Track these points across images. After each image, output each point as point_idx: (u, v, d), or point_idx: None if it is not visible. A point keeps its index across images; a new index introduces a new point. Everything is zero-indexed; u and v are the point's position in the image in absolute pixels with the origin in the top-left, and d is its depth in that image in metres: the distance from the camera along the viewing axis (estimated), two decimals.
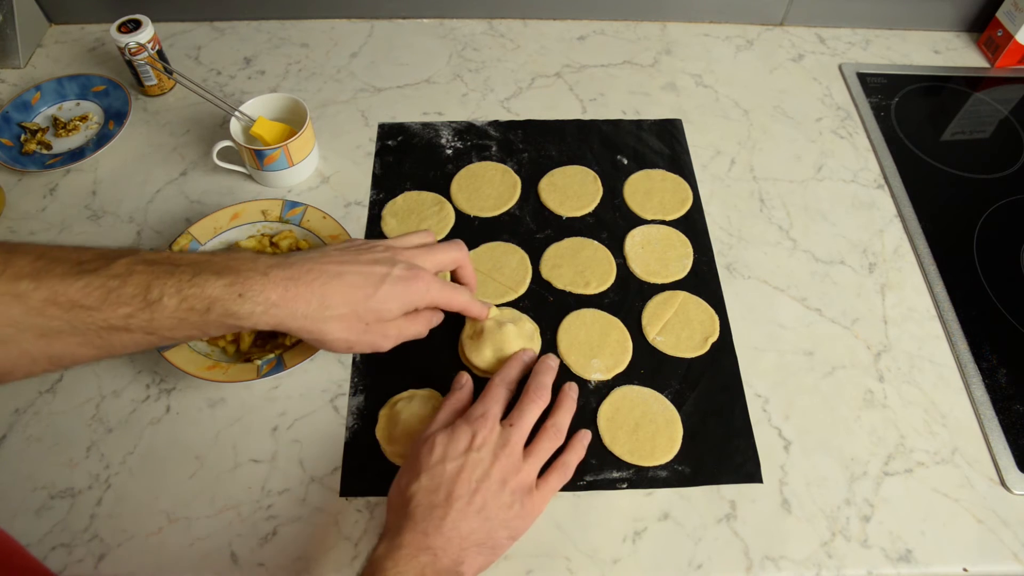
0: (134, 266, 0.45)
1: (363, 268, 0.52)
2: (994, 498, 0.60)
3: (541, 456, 0.54)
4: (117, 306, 0.44)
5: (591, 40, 0.96)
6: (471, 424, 0.52)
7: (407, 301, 0.54)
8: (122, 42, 0.80)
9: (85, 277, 0.44)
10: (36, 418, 0.62)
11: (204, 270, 0.47)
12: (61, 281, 0.43)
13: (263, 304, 0.48)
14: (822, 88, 0.92)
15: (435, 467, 0.49)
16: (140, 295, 0.45)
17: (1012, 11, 0.92)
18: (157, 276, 0.45)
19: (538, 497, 0.53)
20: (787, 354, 0.68)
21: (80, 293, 0.43)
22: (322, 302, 0.50)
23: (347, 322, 0.51)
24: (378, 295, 0.52)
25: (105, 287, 0.44)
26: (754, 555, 0.57)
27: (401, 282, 0.53)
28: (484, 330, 0.64)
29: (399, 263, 0.54)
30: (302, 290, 0.49)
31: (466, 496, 0.48)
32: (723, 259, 0.74)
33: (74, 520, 0.57)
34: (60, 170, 0.79)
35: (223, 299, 0.46)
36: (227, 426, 0.62)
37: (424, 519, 0.47)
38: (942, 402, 0.65)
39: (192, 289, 0.46)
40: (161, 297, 0.45)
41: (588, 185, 0.79)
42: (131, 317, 0.45)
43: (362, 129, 0.84)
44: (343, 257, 0.53)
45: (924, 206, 0.79)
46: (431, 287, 0.55)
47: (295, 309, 0.49)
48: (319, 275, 0.50)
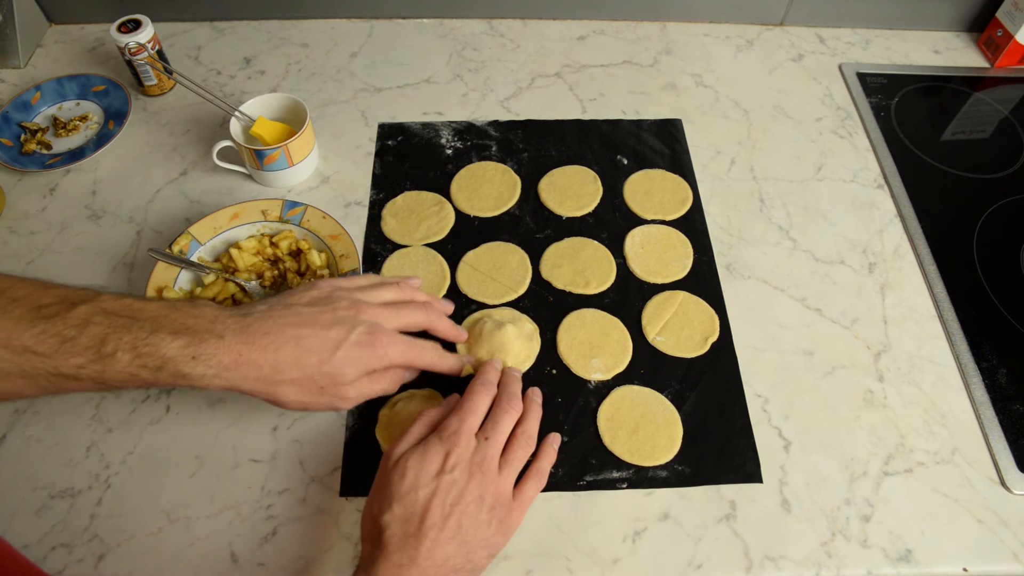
0: (93, 316, 0.45)
1: (320, 332, 0.51)
2: (994, 498, 0.60)
3: (516, 466, 0.53)
4: (70, 356, 0.44)
5: (591, 40, 0.96)
6: (444, 443, 0.50)
7: (364, 366, 0.52)
8: (122, 42, 0.80)
9: (41, 324, 0.44)
10: (36, 418, 0.62)
11: (162, 327, 0.47)
12: (16, 325, 0.43)
13: (215, 367, 0.47)
14: (822, 88, 0.92)
15: (407, 495, 0.48)
16: (94, 347, 0.45)
17: (1012, 11, 0.92)
18: (114, 329, 0.45)
19: (515, 508, 0.52)
20: (787, 354, 0.68)
21: (34, 340, 0.43)
22: (275, 367, 0.49)
23: (301, 386, 0.51)
24: (333, 360, 0.50)
25: (60, 336, 0.44)
26: (754, 555, 0.57)
27: (358, 347, 0.51)
28: (483, 331, 0.64)
29: (360, 325, 0.52)
30: (255, 355, 0.48)
31: (439, 523, 0.47)
32: (723, 259, 0.74)
33: (74, 520, 0.57)
34: (60, 170, 0.79)
35: (176, 360, 0.46)
36: (227, 426, 0.62)
37: (398, 551, 0.46)
38: (942, 402, 0.65)
39: (147, 348, 0.46)
40: (115, 352, 0.45)
41: (588, 185, 0.79)
42: (82, 368, 0.45)
43: (362, 129, 0.84)
44: (302, 318, 0.51)
45: (924, 206, 0.79)
46: (391, 351, 0.53)
47: (247, 373, 0.49)
48: (275, 339, 0.49)
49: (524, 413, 0.56)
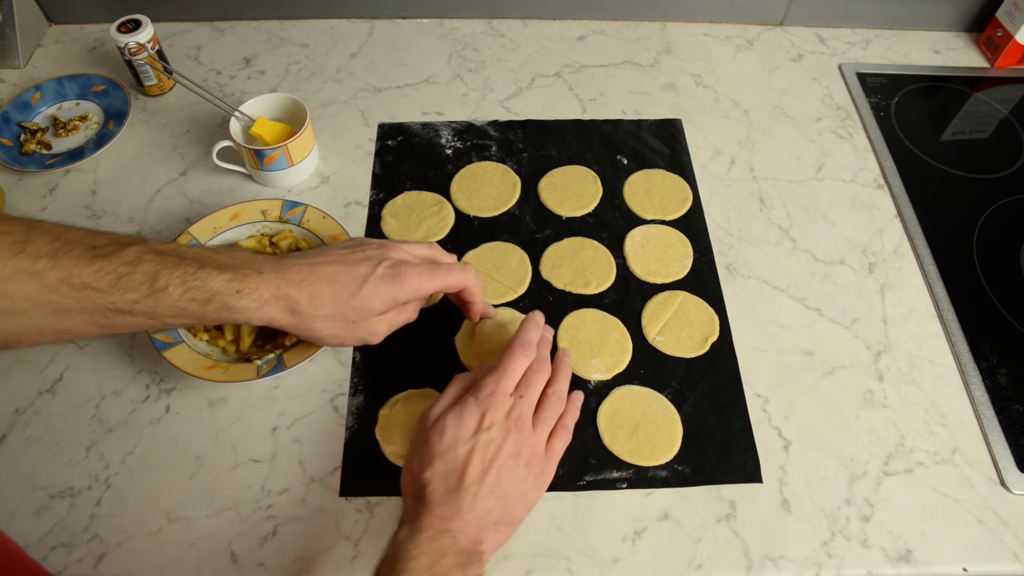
0: (144, 255, 0.48)
1: (349, 268, 0.54)
2: (994, 498, 0.60)
3: (548, 424, 0.54)
4: (125, 291, 0.47)
5: (591, 40, 0.96)
6: (480, 403, 0.51)
7: (390, 299, 0.55)
8: (122, 42, 0.80)
9: (98, 262, 0.47)
10: (36, 418, 0.62)
11: (207, 264, 0.50)
12: (76, 263, 0.46)
13: (257, 300, 0.51)
14: (822, 88, 0.92)
15: (447, 452, 0.49)
16: (147, 283, 0.48)
17: (1012, 11, 0.92)
18: (165, 266, 0.49)
19: (548, 463, 0.54)
20: (787, 354, 0.68)
21: (92, 276, 0.46)
22: (310, 302, 0.53)
23: (334, 321, 0.54)
24: (361, 294, 0.54)
25: (116, 272, 0.47)
26: (754, 555, 0.57)
27: (384, 280, 0.54)
28: (482, 331, 0.64)
29: (385, 261, 0.55)
30: (292, 290, 0.52)
31: (479, 478, 0.49)
32: (723, 259, 0.74)
33: (74, 520, 0.57)
34: (60, 170, 0.79)
35: (223, 292, 0.50)
36: (227, 426, 0.62)
37: (441, 504, 0.48)
38: (942, 402, 0.65)
39: (196, 281, 0.49)
40: (167, 286, 0.48)
41: (588, 185, 0.79)
42: (136, 302, 0.48)
43: (362, 129, 0.84)
44: (334, 258, 0.55)
45: (924, 206, 0.79)
46: (415, 281, 0.55)
47: (285, 307, 0.52)
48: (308, 276, 0.53)
49: (555, 373, 0.57)
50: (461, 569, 0.46)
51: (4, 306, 0.45)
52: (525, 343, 0.55)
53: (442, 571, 0.45)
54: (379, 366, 0.65)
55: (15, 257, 0.45)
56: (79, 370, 0.65)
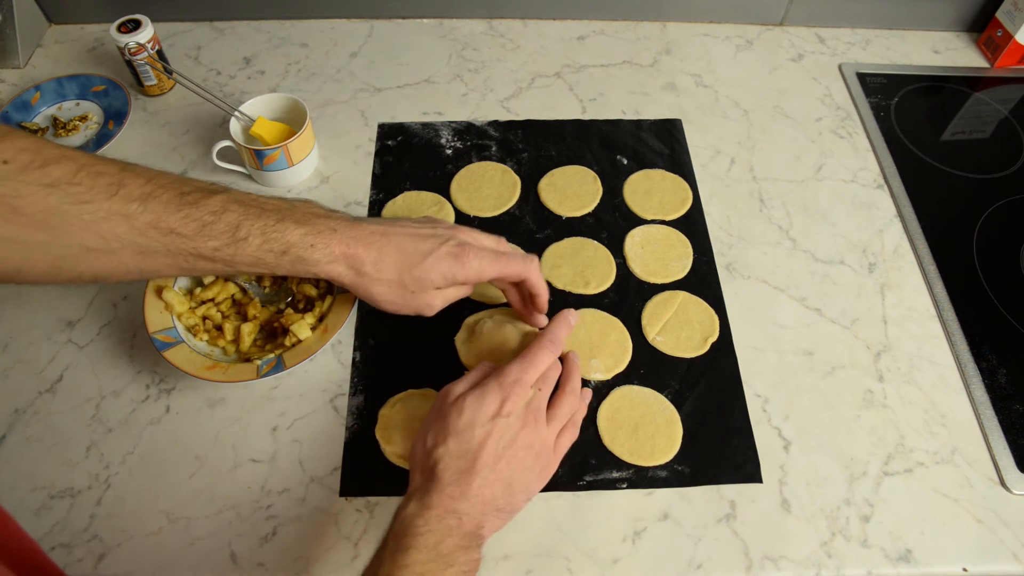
0: (228, 204, 0.51)
1: (417, 241, 0.56)
2: (994, 498, 0.60)
3: (562, 420, 0.55)
4: (208, 239, 0.50)
5: (591, 40, 0.96)
6: (503, 389, 0.51)
7: (450, 276, 0.56)
8: (122, 42, 0.80)
9: (185, 208, 0.49)
10: (36, 418, 0.62)
11: (286, 217, 0.53)
12: (165, 208, 0.49)
13: (328, 256, 0.54)
14: (822, 88, 0.92)
15: (463, 432, 0.49)
16: (230, 232, 0.51)
17: (1012, 11, 0.92)
18: (247, 217, 0.51)
19: (554, 458, 0.54)
20: (787, 354, 0.68)
21: (180, 222, 0.49)
22: (375, 265, 0.55)
23: (393, 287, 0.56)
24: (423, 265, 0.55)
25: (201, 220, 0.50)
26: (754, 555, 0.57)
27: (447, 258, 0.56)
28: (482, 331, 0.64)
29: (452, 240, 0.57)
30: (361, 250, 0.54)
31: (491, 463, 0.49)
32: (723, 259, 0.74)
33: (74, 520, 0.57)
34: None
35: (298, 245, 0.53)
36: (227, 426, 0.62)
37: (451, 483, 0.48)
38: (942, 402, 0.65)
39: (274, 234, 0.52)
40: (248, 236, 0.51)
41: (588, 185, 0.79)
42: (218, 250, 0.51)
43: (362, 129, 0.84)
44: (406, 229, 0.57)
45: (924, 206, 0.79)
46: (478, 264, 0.57)
47: (352, 265, 0.55)
48: (378, 240, 0.55)
49: (569, 370, 0.58)
50: (463, 551, 0.46)
51: (97, 244, 0.48)
52: (556, 339, 0.56)
53: (446, 551, 0.46)
54: (379, 366, 0.65)
55: (110, 199, 0.47)
56: (79, 370, 0.65)
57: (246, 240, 0.51)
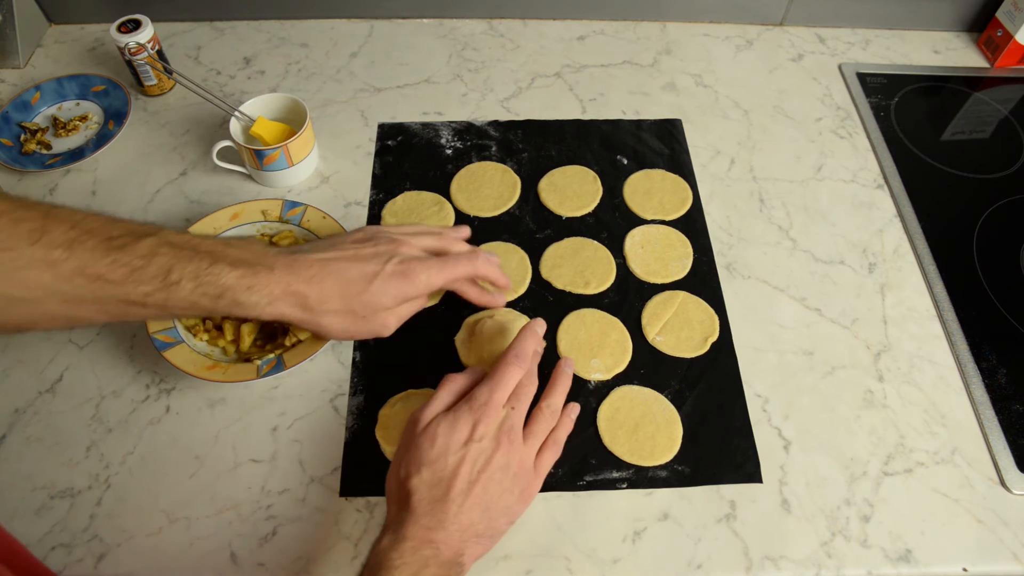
0: (159, 247, 0.49)
1: (359, 265, 0.55)
2: (994, 498, 0.60)
3: (539, 437, 0.54)
4: (139, 284, 0.48)
5: (591, 40, 0.96)
6: (474, 412, 0.51)
7: (400, 295, 0.56)
8: (122, 42, 0.80)
9: (113, 254, 0.47)
10: (36, 418, 0.62)
11: (221, 259, 0.51)
12: (91, 254, 0.47)
13: (267, 297, 0.52)
14: (822, 88, 0.92)
15: (436, 461, 0.49)
16: (161, 276, 0.49)
17: (1012, 11, 0.92)
18: (179, 260, 0.49)
19: (535, 478, 0.54)
20: (787, 354, 0.68)
21: (107, 268, 0.47)
22: (319, 298, 0.53)
23: (343, 316, 0.55)
24: (370, 290, 0.55)
25: (130, 265, 0.48)
26: (754, 555, 0.57)
27: (394, 278, 0.55)
28: (482, 331, 0.64)
29: (395, 257, 0.56)
30: (302, 286, 0.53)
31: (466, 489, 0.48)
32: (723, 259, 0.74)
33: (74, 520, 0.57)
34: (60, 170, 0.79)
35: (234, 288, 0.51)
36: (227, 426, 0.62)
37: (426, 514, 0.47)
38: (942, 402, 0.65)
39: (208, 277, 0.50)
40: (180, 280, 0.49)
41: (588, 185, 0.79)
42: (149, 295, 0.49)
43: (362, 129, 0.84)
44: (344, 253, 0.56)
45: (924, 206, 0.79)
46: (425, 277, 0.56)
47: (294, 303, 0.53)
48: (318, 272, 0.54)
49: (553, 385, 0.57)
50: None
51: (19, 293, 0.46)
52: (520, 354, 0.55)
53: None
54: (379, 366, 0.65)
55: (32, 246, 0.45)
56: (79, 370, 0.65)
57: (178, 284, 0.49)
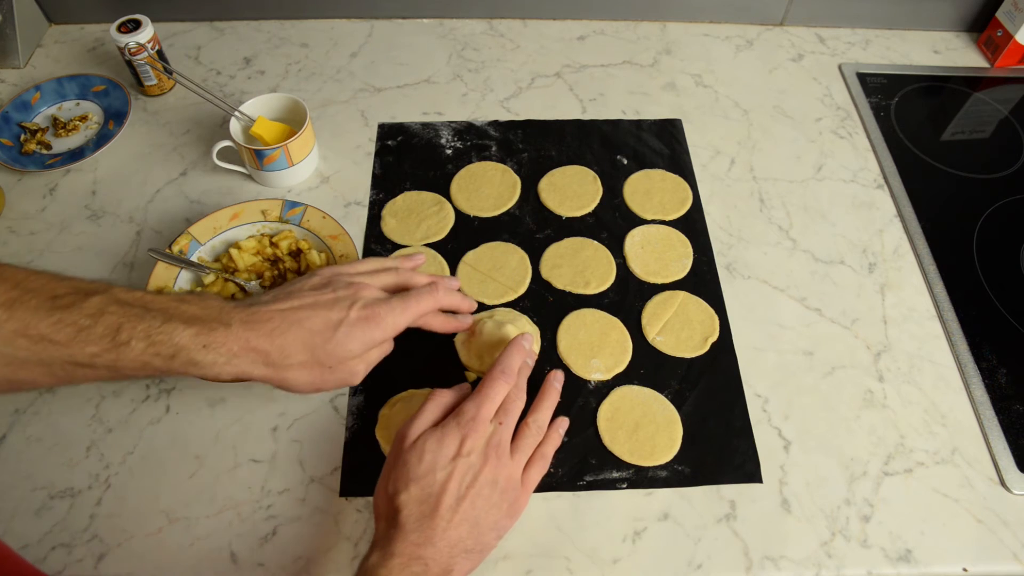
0: (107, 306, 0.46)
1: (320, 313, 0.52)
2: (994, 498, 0.60)
3: (526, 452, 0.54)
4: (85, 344, 0.45)
5: (591, 40, 0.96)
6: (461, 428, 0.51)
7: (367, 341, 0.53)
8: (122, 42, 0.80)
9: (57, 313, 0.45)
10: (36, 418, 0.62)
11: (174, 317, 0.48)
12: (34, 314, 0.44)
13: (225, 355, 0.49)
14: (822, 88, 0.92)
15: (424, 477, 0.49)
16: (109, 336, 0.46)
17: (1012, 11, 0.92)
18: (128, 319, 0.46)
19: (523, 492, 0.53)
20: (787, 354, 0.68)
21: (51, 328, 0.44)
22: (281, 352, 0.50)
23: (308, 368, 0.52)
24: (336, 338, 0.51)
25: (76, 325, 0.45)
26: (754, 555, 0.57)
27: (359, 324, 0.52)
28: (483, 331, 0.64)
29: (357, 301, 0.53)
30: (262, 342, 0.50)
31: (454, 505, 0.48)
32: (723, 259, 0.74)
33: (74, 520, 0.57)
34: (60, 170, 0.79)
35: (188, 348, 0.47)
36: (227, 426, 0.62)
37: (414, 530, 0.47)
38: (942, 402, 0.65)
39: (160, 336, 0.47)
40: (129, 340, 0.46)
41: (588, 185, 0.79)
42: (97, 356, 0.46)
43: (362, 129, 0.84)
44: (304, 301, 0.53)
45: (924, 206, 0.79)
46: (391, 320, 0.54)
47: (255, 359, 0.50)
48: (279, 324, 0.51)
49: (540, 399, 0.57)
50: None
51: None
52: (507, 368, 0.55)
53: None
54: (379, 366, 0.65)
55: None
56: None
57: (128, 344, 0.46)
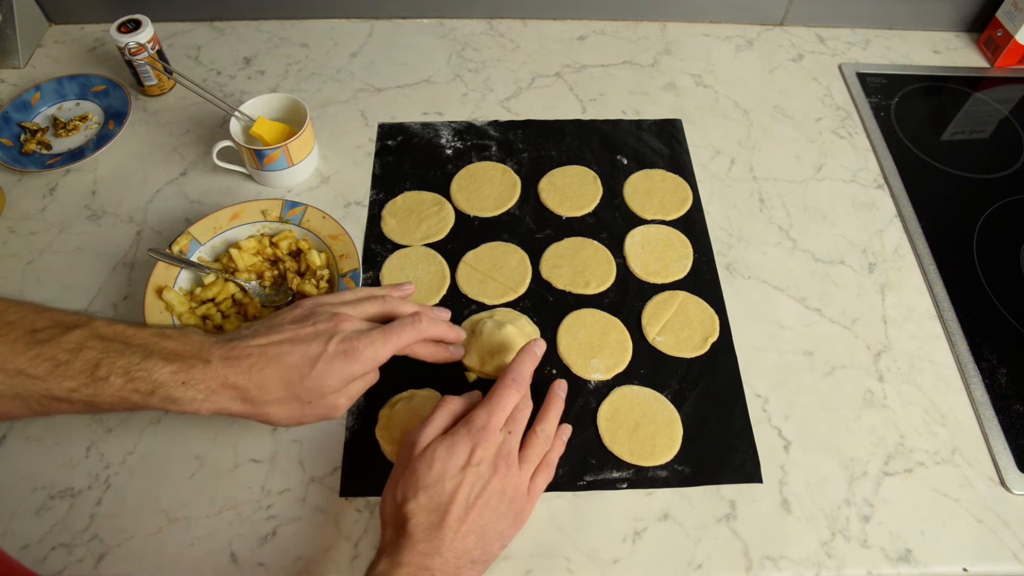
0: (87, 341, 0.46)
1: (299, 347, 0.51)
2: (994, 498, 0.60)
3: (534, 462, 0.54)
4: (63, 379, 0.45)
5: (591, 40, 0.96)
6: (472, 436, 0.50)
7: (346, 375, 0.52)
8: (122, 42, 0.80)
9: (36, 348, 0.45)
10: (36, 418, 0.62)
11: (154, 353, 0.48)
12: (11, 348, 0.44)
13: (204, 392, 0.48)
14: (822, 88, 0.92)
15: (434, 485, 0.48)
16: (88, 371, 0.46)
17: (1012, 11, 0.92)
18: (108, 354, 0.46)
19: (528, 501, 0.53)
20: (787, 354, 0.68)
21: (28, 363, 0.44)
22: (260, 388, 0.50)
23: (287, 404, 0.51)
24: (313, 375, 0.51)
25: (54, 360, 0.45)
26: (754, 555, 0.57)
27: (338, 358, 0.51)
28: (482, 331, 0.64)
29: (336, 335, 0.52)
30: (240, 378, 0.49)
31: (462, 515, 0.48)
32: (723, 259, 0.74)
33: (74, 520, 0.57)
34: (60, 170, 0.79)
35: (167, 384, 0.47)
36: (227, 426, 0.62)
37: (423, 540, 0.47)
38: (942, 402, 0.65)
39: (140, 373, 0.47)
40: (108, 376, 0.46)
41: (588, 185, 0.79)
42: (74, 391, 0.46)
43: (362, 129, 0.84)
44: (283, 335, 0.52)
45: (924, 206, 0.79)
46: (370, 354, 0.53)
47: (234, 396, 0.50)
48: (257, 361, 0.50)
49: (546, 408, 0.57)
50: None
51: None
52: (519, 377, 0.54)
53: None
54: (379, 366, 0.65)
55: None
56: None
57: (107, 380, 0.46)
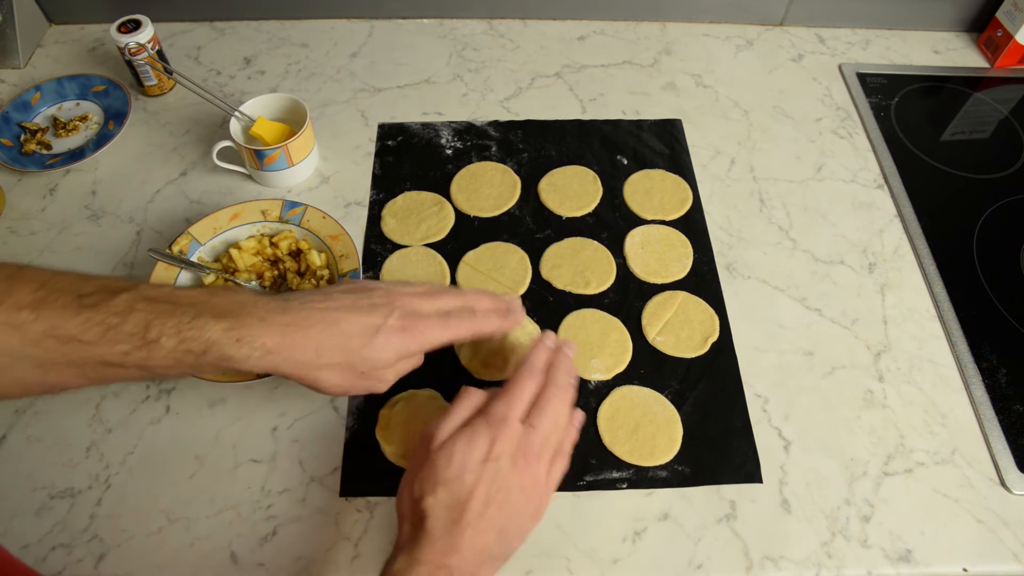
0: (135, 303, 0.45)
1: (359, 317, 0.51)
2: (994, 498, 0.60)
3: (551, 452, 0.53)
4: (115, 343, 0.44)
5: (591, 40, 0.96)
6: (491, 428, 0.49)
7: (403, 351, 0.52)
8: (122, 42, 0.80)
9: (85, 312, 0.44)
10: (36, 418, 0.62)
11: (204, 312, 0.47)
12: (61, 314, 0.43)
13: (259, 350, 0.47)
14: (822, 88, 0.92)
15: (454, 481, 0.47)
16: (139, 334, 0.45)
17: (1012, 11, 0.92)
18: (157, 315, 0.45)
19: (546, 493, 0.52)
20: (787, 354, 0.68)
21: (79, 328, 0.44)
22: (317, 351, 0.49)
23: (341, 370, 0.51)
24: (373, 344, 0.50)
25: (104, 324, 0.44)
26: (754, 555, 0.57)
27: (397, 332, 0.51)
28: None
29: (396, 310, 0.52)
30: (298, 338, 0.48)
31: (481, 511, 0.47)
32: (723, 259, 0.74)
33: (74, 520, 0.57)
34: (60, 170, 0.79)
35: (221, 343, 0.46)
36: (227, 426, 0.62)
37: (442, 537, 0.46)
38: (942, 402, 0.65)
39: (191, 331, 0.46)
40: (159, 337, 0.45)
41: (588, 185, 0.79)
42: (127, 355, 0.45)
43: (362, 129, 0.84)
44: (342, 303, 0.52)
45: (924, 206, 0.79)
46: (429, 334, 0.52)
47: (290, 356, 0.49)
48: (316, 322, 0.49)
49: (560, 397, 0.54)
50: None
51: None
52: (535, 369, 0.53)
53: None
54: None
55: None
56: None
57: (158, 342, 0.45)
